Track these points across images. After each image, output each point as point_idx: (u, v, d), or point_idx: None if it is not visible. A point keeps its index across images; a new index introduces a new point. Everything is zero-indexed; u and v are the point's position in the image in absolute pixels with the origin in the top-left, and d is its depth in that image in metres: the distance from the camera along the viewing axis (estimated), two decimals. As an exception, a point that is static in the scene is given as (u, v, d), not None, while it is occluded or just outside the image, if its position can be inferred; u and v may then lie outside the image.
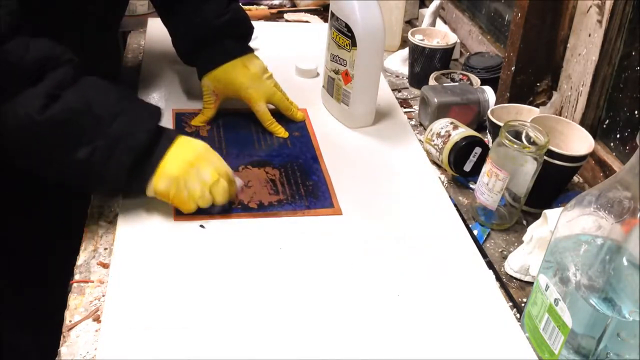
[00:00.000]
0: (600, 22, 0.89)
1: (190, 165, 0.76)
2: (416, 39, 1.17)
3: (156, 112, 0.78)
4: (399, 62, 1.28)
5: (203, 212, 0.78)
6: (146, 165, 0.75)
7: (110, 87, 0.74)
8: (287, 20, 1.48)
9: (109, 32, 1.03)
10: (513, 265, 0.78)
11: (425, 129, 1.02)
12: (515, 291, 0.76)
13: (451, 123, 0.95)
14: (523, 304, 0.74)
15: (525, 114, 0.96)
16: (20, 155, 0.72)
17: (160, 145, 0.76)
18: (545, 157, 0.80)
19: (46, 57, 0.68)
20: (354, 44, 0.94)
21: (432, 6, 1.27)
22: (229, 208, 0.81)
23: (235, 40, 0.98)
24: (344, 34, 0.95)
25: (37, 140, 0.69)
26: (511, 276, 0.78)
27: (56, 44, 0.70)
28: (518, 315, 0.72)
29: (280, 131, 0.97)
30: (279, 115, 0.99)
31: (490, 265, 0.78)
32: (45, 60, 0.68)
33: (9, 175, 0.87)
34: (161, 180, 0.75)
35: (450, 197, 0.89)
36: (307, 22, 1.47)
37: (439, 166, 0.97)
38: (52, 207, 0.97)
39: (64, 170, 0.73)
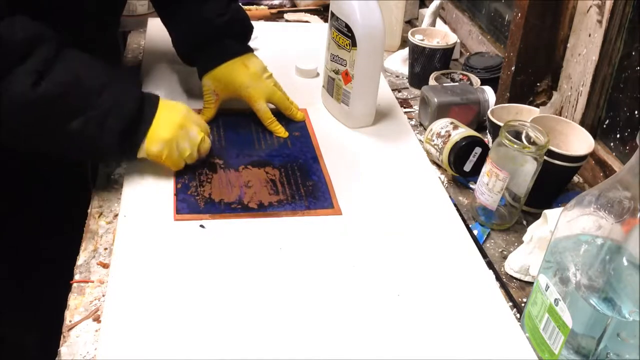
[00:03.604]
0: (600, 22, 0.89)
1: (179, 127, 0.82)
2: (416, 39, 1.17)
3: (137, 79, 0.83)
4: (399, 62, 1.28)
5: (187, 171, 0.85)
6: (137, 130, 0.80)
7: (93, 59, 0.77)
8: (287, 20, 1.48)
9: (108, 32, 1.02)
10: (513, 265, 0.78)
11: (425, 129, 1.02)
12: (515, 291, 0.76)
13: (451, 123, 0.95)
14: (523, 304, 0.74)
15: (525, 114, 0.96)
16: (16, 133, 0.74)
17: (146, 111, 0.81)
18: (545, 157, 0.80)
19: (33, 34, 0.71)
20: (354, 44, 0.94)
21: (432, 6, 1.27)
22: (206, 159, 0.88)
23: (235, 39, 0.98)
24: (344, 34, 0.94)
25: (32, 116, 0.71)
26: (511, 276, 0.78)
27: (38, 22, 0.72)
28: (518, 315, 0.72)
29: (280, 131, 0.97)
30: (279, 115, 0.99)
31: (490, 265, 0.78)
32: (32, 38, 0.70)
33: (8, 173, 0.87)
34: (154, 144, 0.80)
35: (450, 197, 0.89)
36: (307, 22, 1.47)
37: (439, 166, 0.97)
38: (52, 206, 0.97)
39: (59, 143, 0.76)
